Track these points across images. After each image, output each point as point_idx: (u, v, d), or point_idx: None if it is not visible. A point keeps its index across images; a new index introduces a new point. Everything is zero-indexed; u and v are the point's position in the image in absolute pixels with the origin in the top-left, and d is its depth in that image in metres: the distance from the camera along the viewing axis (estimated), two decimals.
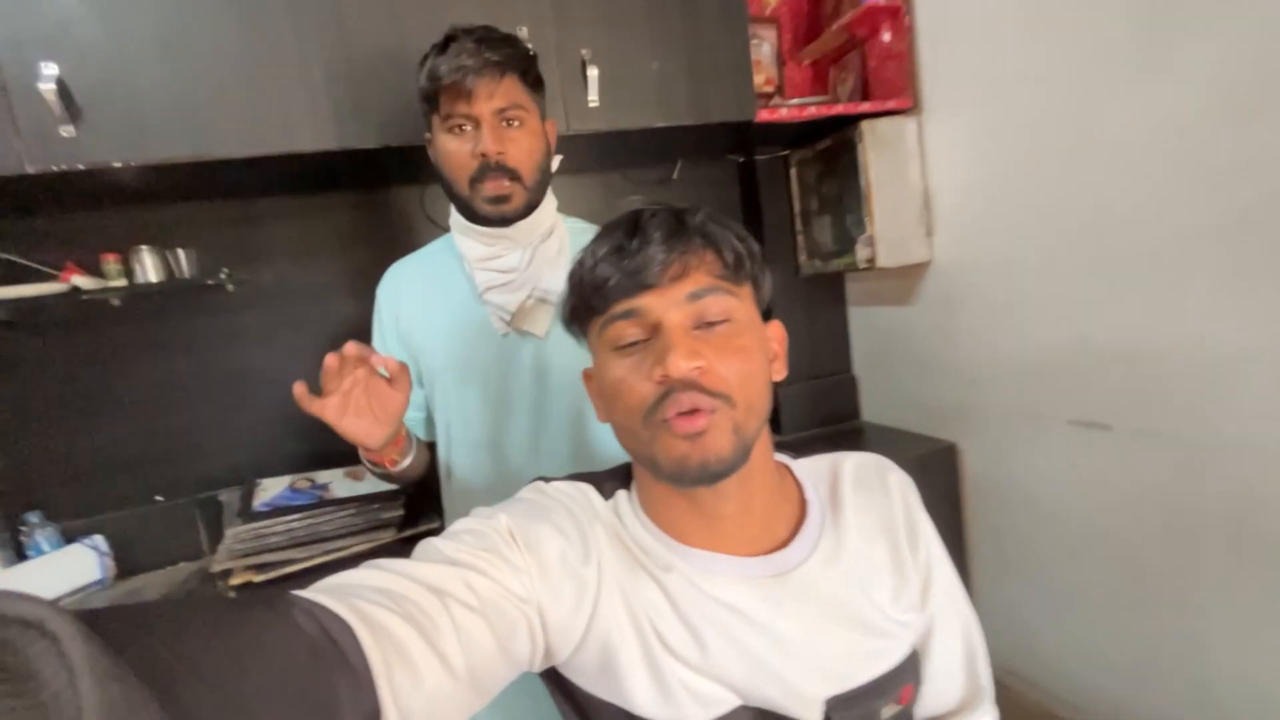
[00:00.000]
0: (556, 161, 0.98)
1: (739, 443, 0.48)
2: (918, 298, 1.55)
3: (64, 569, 1.23)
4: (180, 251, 1.29)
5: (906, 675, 0.54)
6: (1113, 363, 1.14)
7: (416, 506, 1.30)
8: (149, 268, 1.26)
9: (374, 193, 1.47)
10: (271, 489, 1.28)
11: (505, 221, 0.87)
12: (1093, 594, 1.23)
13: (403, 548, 1.26)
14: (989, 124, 1.31)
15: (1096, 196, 1.13)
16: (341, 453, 1.42)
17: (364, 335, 1.47)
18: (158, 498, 1.37)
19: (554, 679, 0.54)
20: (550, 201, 0.94)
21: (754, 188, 1.73)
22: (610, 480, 0.59)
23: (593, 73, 1.19)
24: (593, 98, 1.21)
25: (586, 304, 0.52)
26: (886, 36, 1.46)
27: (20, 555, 1.24)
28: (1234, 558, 1.01)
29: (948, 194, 1.44)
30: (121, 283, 1.25)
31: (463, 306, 0.93)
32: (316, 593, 0.38)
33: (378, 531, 1.24)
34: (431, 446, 0.99)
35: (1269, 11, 0.86)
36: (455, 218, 0.92)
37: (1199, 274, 1.00)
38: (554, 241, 0.94)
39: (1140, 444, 1.12)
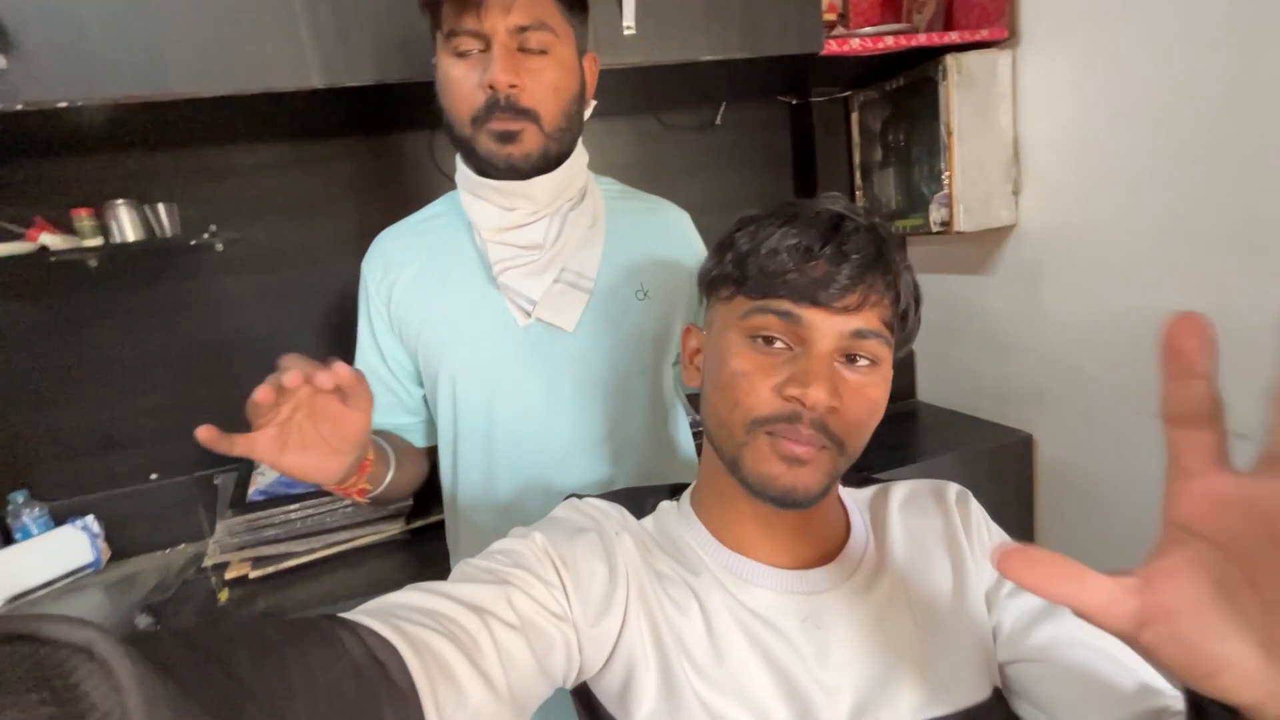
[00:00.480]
0: (590, 108, 0.77)
1: (829, 484, 0.48)
2: (995, 266, 1.34)
3: (54, 552, 1.15)
4: (161, 206, 1.14)
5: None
6: (1251, 359, 0.95)
7: (426, 496, 1.18)
8: (126, 225, 1.12)
9: (377, 138, 1.30)
10: (270, 473, 1.17)
11: (517, 172, 0.68)
12: None
13: (412, 539, 1.16)
14: (1102, 62, 1.08)
15: (1241, 152, 0.91)
16: None
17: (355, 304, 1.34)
18: (153, 476, 1.27)
19: (584, 700, 0.52)
20: (581, 156, 0.75)
21: (808, 135, 1.51)
22: (653, 496, 0.59)
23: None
24: (629, 24, 1.01)
25: (738, 281, 0.49)
26: None
27: (7, 538, 1.16)
28: None
29: (1042, 146, 1.22)
30: (97, 241, 1.11)
31: (474, 288, 0.75)
32: (360, 614, 0.38)
33: (384, 523, 1.13)
34: (431, 451, 0.84)
35: None
36: (462, 172, 0.73)
37: None
38: (586, 209, 0.75)
39: (1239, 444, 0.94)
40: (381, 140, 1.29)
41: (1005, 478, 1.31)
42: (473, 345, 0.75)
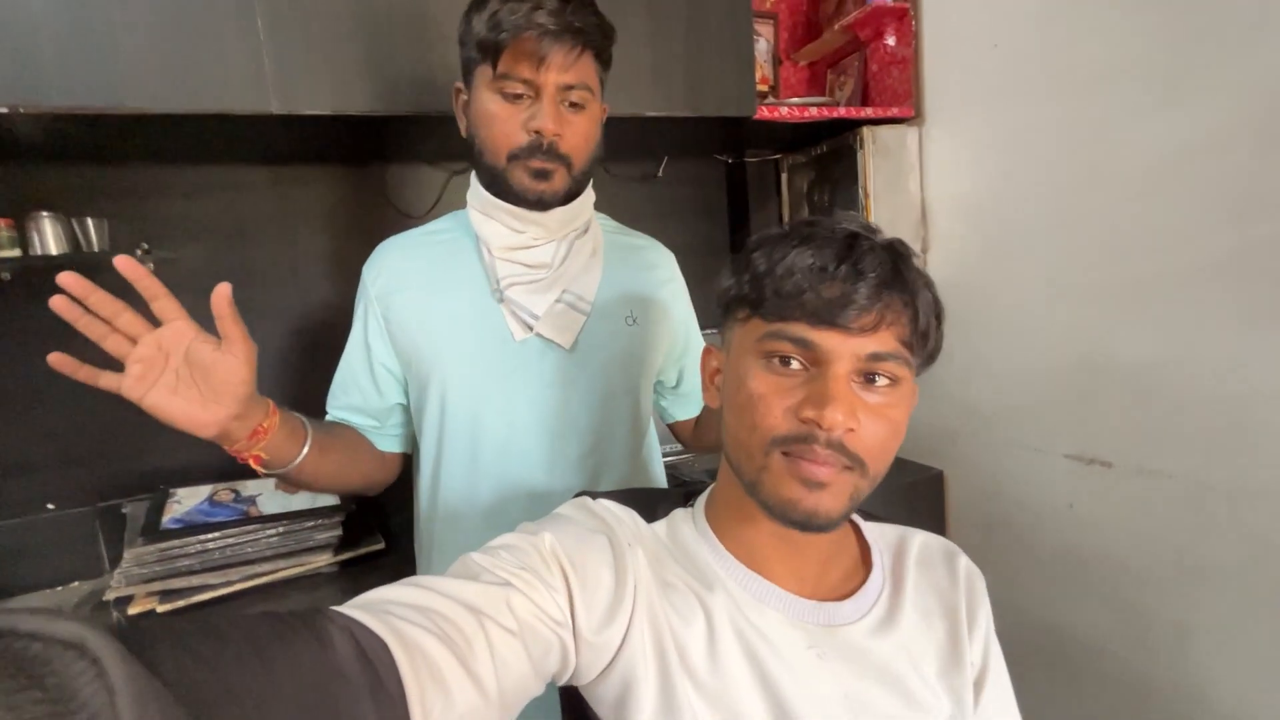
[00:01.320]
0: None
1: (851, 507, 0.47)
2: None
3: None
4: (90, 221, 1.11)
5: None
6: (1118, 397, 1.08)
7: (358, 526, 1.14)
8: (49, 237, 1.08)
9: (329, 168, 1.31)
10: (187, 501, 1.11)
11: (542, 204, 0.75)
12: (1085, 637, 1.17)
13: (341, 572, 1.11)
14: (994, 139, 1.25)
15: (1107, 221, 1.07)
16: None
17: (306, 326, 1.32)
18: (49, 506, 1.17)
19: (575, 707, 0.53)
20: (589, 194, 0.82)
21: (742, 191, 1.63)
22: (666, 501, 0.58)
23: None
24: None
25: (754, 302, 0.48)
26: (891, 40, 1.39)
27: None
28: (1241, 606, 0.95)
29: (946, 210, 1.37)
30: (14, 253, 1.06)
31: (473, 302, 0.79)
32: (353, 609, 0.38)
33: (311, 554, 1.08)
34: (397, 461, 0.87)
35: None
36: (476, 192, 0.79)
37: (1217, 309, 0.94)
38: (589, 240, 0.82)
39: (1143, 483, 1.06)
40: (333, 170, 1.31)
41: (919, 510, 1.40)
42: (468, 355, 0.78)
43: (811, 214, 1.57)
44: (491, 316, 0.78)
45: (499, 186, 0.75)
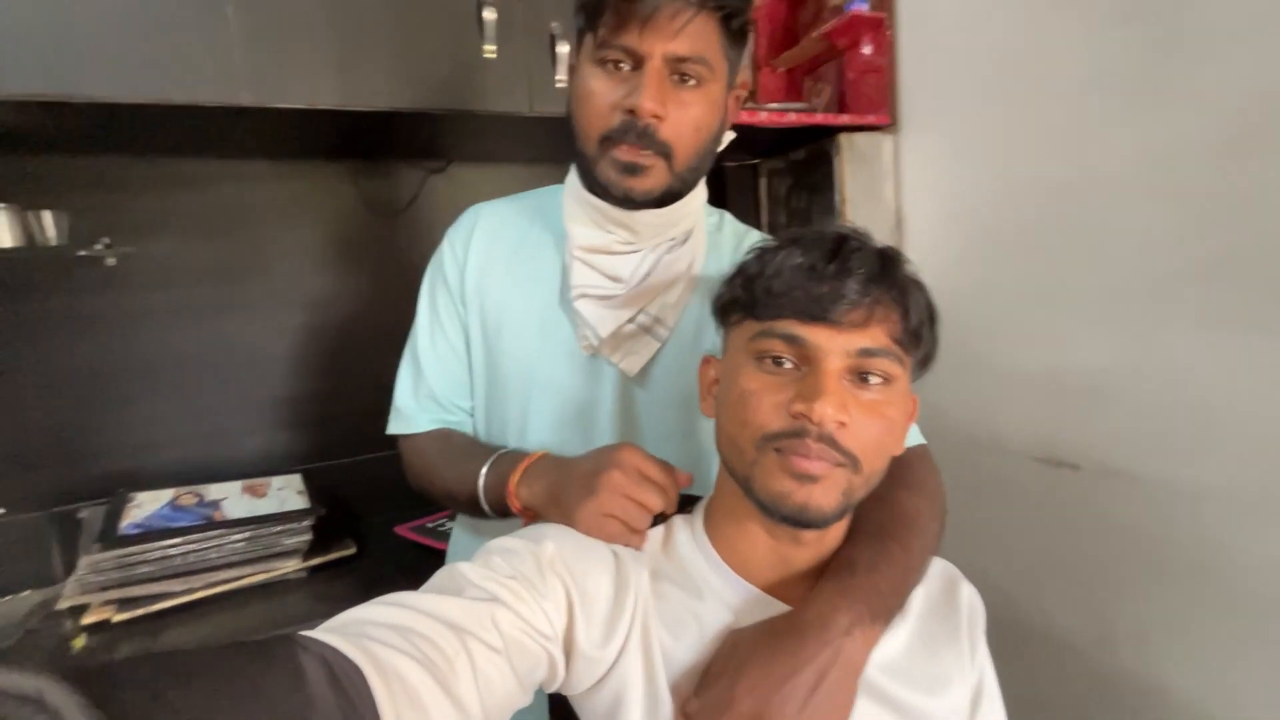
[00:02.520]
0: (727, 139, 0.70)
1: (845, 504, 0.47)
2: None
3: None
4: (47, 214, 1.06)
5: None
6: (1085, 401, 1.11)
7: (328, 531, 1.12)
8: (3, 229, 1.03)
9: (299, 163, 1.28)
10: (147, 505, 1.07)
11: (632, 203, 0.64)
12: (1051, 634, 1.20)
13: (310, 578, 1.08)
14: (968, 147, 1.27)
15: (1077, 230, 1.10)
16: (240, 463, 1.24)
17: (278, 324, 1.28)
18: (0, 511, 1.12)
19: (562, 717, 0.52)
20: (698, 194, 0.69)
21: (721, 195, 1.64)
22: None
23: (562, 49, 1.07)
24: (560, 77, 1.08)
25: (747, 305, 0.49)
26: (867, 49, 1.41)
27: None
28: (1197, 605, 0.98)
29: (920, 217, 1.40)
30: None
31: (549, 296, 0.70)
32: (326, 633, 0.37)
33: (279, 560, 1.05)
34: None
35: (1269, 52, 0.84)
36: (573, 181, 0.69)
37: (1181, 314, 0.97)
38: (685, 253, 0.69)
39: (1108, 484, 1.09)
40: (303, 165, 1.28)
41: None
42: (538, 352, 0.71)
43: (789, 219, 1.59)
44: (561, 322, 0.70)
45: (590, 177, 0.64)
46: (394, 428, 0.77)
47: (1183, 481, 0.98)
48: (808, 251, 0.47)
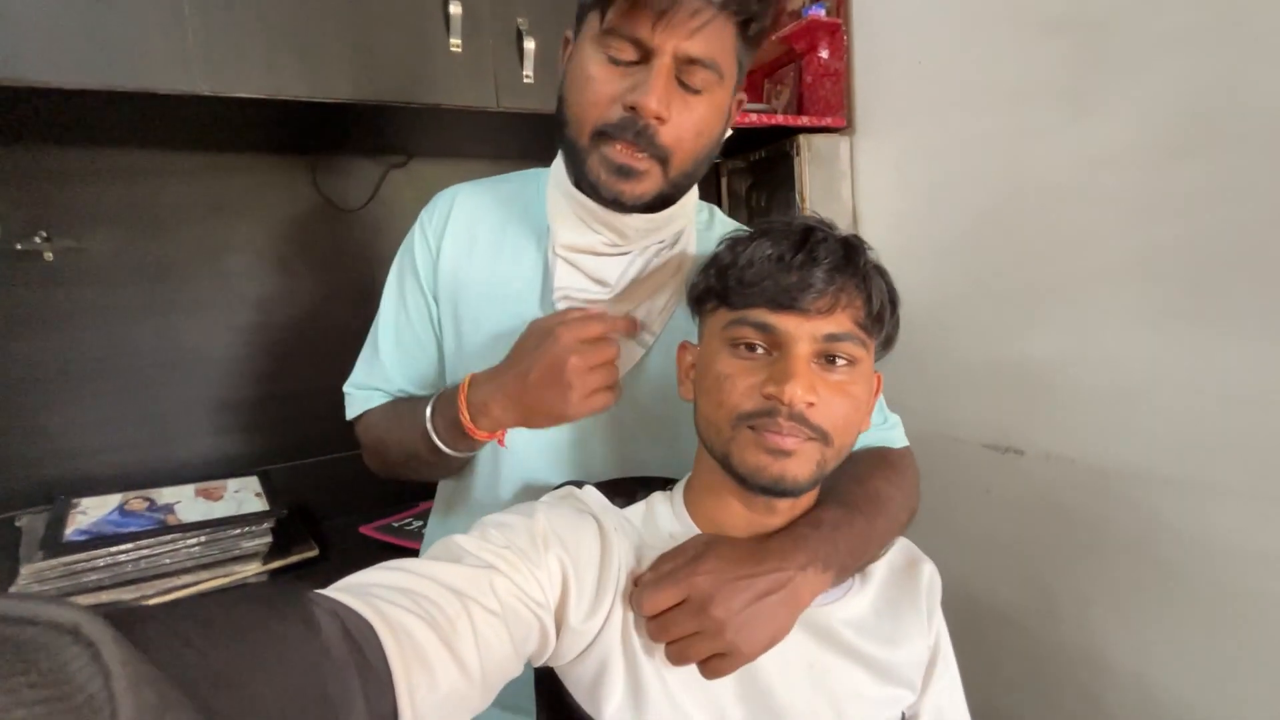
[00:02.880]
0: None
1: (818, 475, 0.50)
2: None
3: None
4: None
5: None
6: (1030, 390, 1.18)
7: (289, 533, 1.09)
8: None
9: (253, 155, 1.24)
10: (94, 511, 1.02)
11: (620, 206, 0.60)
12: (998, 611, 1.26)
13: (270, 582, 1.05)
14: (918, 151, 1.33)
15: (1022, 228, 1.16)
16: (192, 467, 1.19)
17: (228, 322, 1.24)
18: None
19: (549, 689, 0.54)
20: (689, 198, 0.66)
21: None
22: (645, 488, 0.61)
23: (529, 45, 1.07)
24: (528, 73, 1.08)
25: (721, 294, 0.52)
26: (824, 53, 1.46)
27: None
28: (1133, 578, 1.05)
29: (875, 217, 1.45)
30: None
31: (529, 295, 0.67)
32: (337, 591, 0.39)
33: (237, 564, 1.02)
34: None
35: (1197, 62, 0.91)
36: (559, 170, 0.64)
37: (1115, 308, 1.04)
38: (674, 256, 0.67)
39: (1051, 468, 1.16)
40: (261, 158, 1.24)
41: None
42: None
43: (749, 216, 1.62)
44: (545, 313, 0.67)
45: (578, 171, 0.60)
46: (349, 413, 0.75)
47: (1119, 464, 1.06)
48: (777, 243, 0.50)
